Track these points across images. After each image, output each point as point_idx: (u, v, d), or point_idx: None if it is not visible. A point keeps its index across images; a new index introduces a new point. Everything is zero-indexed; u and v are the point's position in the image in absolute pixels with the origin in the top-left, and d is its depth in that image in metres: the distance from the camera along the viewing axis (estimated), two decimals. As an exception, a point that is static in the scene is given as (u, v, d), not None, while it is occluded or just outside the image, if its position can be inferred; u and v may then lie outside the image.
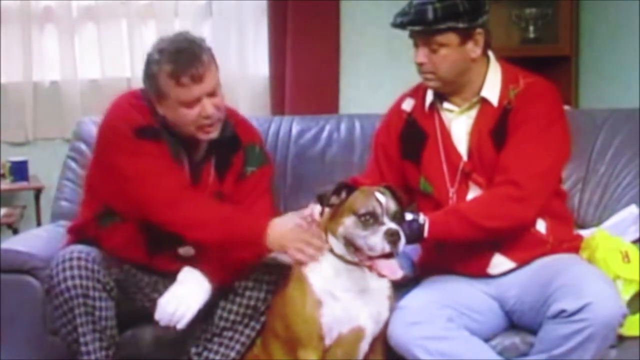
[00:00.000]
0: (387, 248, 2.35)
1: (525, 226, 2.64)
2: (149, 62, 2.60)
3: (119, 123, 2.62)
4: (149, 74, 2.60)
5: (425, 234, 2.54)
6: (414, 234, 2.53)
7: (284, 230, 2.53)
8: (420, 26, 2.58)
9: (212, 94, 2.58)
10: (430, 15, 2.56)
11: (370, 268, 2.41)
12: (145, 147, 2.59)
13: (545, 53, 4.46)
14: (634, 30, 3.88)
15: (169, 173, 2.60)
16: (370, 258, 2.39)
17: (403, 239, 2.36)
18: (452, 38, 2.58)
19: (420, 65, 2.65)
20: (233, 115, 2.77)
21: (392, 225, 2.36)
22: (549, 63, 4.22)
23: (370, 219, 2.39)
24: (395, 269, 2.39)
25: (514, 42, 4.58)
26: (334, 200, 2.48)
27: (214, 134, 2.63)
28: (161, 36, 2.68)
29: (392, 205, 2.41)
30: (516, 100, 2.65)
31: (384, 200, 2.40)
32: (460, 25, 2.57)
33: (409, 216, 2.54)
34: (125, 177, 2.59)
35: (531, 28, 4.53)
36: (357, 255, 2.43)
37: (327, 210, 2.50)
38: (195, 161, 2.70)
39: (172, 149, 2.64)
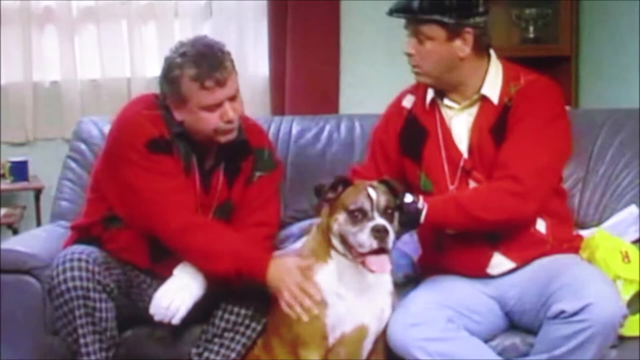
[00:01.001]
0: (374, 244, 2.36)
1: (524, 221, 2.63)
2: (170, 66, 2.58)
3: (130, 135, 2.60)
4: (170, 78, 2.58)
5: (422, 219, 2.53)
6: (412, 218, 2.53)
7: (283, 271, 2.51)
8: (405, 14, 2.60)
9: (233, 98, 2.59)
10: (415, 5, 2.57)
11: (363, 264, 2.41)
12: (156, 163, 2.58)
13: (545, 53, 4.46)
14: (633, 30, 3.88)
15: (179, 195, 2.59)
16: (362, 254, 2.39)
17: (392, 235, 2.36)
18: (437, 32, 2.58)
19: (409, 56, 2.65)
20: (244, 120, 2.76)
21: (380, 222, 2.36)
22: (548, 63, 4.22)
23: (359, 215, 2.39)
24: (384, 265, 2.39)
25: (514, 42, 4.59)
26: (331, 194, 2.48)
27: (232, 136, 2.63)
28: (180, 40, 2.67)
29: (383, 201, 2.41)
30: (516, 97, 2.64)
31: (374, 195, 2.40)
32: (447, 20, 2.57)
33: (408, 197, 2.53)
34: (134, 193, 2.59)
35: (531, 28, 4.53)
36: (350, 252, 2.44)
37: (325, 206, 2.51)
38: (206, 169, 2.70)
39: (183, 159, 2.64)
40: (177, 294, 2.56)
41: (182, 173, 2.64)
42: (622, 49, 4.05)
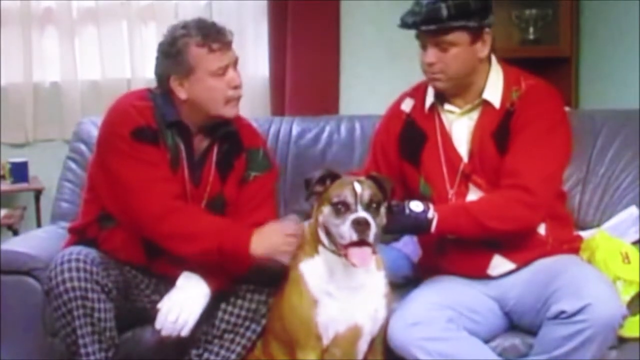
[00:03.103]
0: (355, 236, 2.35)
1: (531, 229, 2.65)
2: (174, 39, 2.60)
3: (117, 124, 2.62)
4: (175, 52, 2.60)
5: (433, 229, 2.54)
6: (421, 226, 2.53)
7: (267, 235, 2.54)
8: (434, 25, 2.57)
9: (235, 65, 2.63)
10: (444, 13, 2.55)
11: (346, 257, 2.41)
12: (140, 152, 2.59)
13: (545, 54, 4.46)
14: (634, 31, 3.88)
15: (161, 183, 2.59)
16: (345, 247, 2.39)
17: (373, 228, 2.36)
18: (463, 37, 2.58)
19: (429, 65, 2.63)
20: (237, 119, 2.77)
21: (361, 214, 2.36)
22: (549, 64, 4.22)
23: (342, 208, 2.40)
24: (364, 258, 2.38)
25: (514, 42, 4.58)
26: (319, 187, 2.49)
27: (238, 108, 2.66)
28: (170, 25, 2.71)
29: (368, 195, 2.40)
30: (519, 102, 2.65)
31: (359, 189, 2.40)
32: (472, 24, 2.57)
33: (419, 207, 2.54)
34: (118, 182, 2.60)
35: (531, 29, 4.53)
36: (334, 245, 2.44)
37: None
38: (196, 159, 2.70)
39: (171, 150, 2.64)
40: (184, 307, 2.55)
41: (167, 164, 2.64)
42: (622, 50, 4.05)
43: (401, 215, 2.52)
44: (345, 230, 2.37)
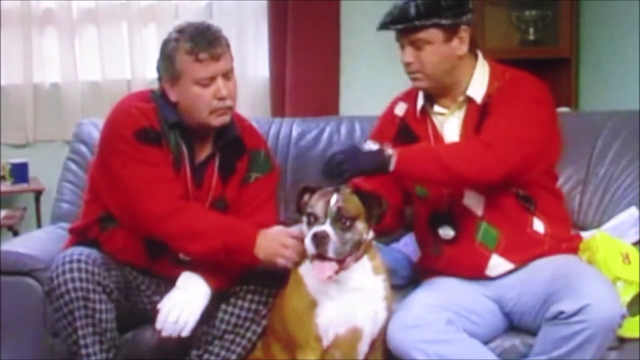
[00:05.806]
0: (313, 250, 2.37)
1: (491, 184, 2.56)
2: (167, 42, 2.62)
3: (120, 125, 2.63)
4: (166, 54, 2.61)
5: (392, 166, 2.49)
6: (381, 164, 2.48)
7: (270, 239, 2.54)
8: (403, 24, 2.59)
9: (226, 76, 2.61)
10: (412, 12, 2.57)
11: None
12: (143, 153, 2.59)
13: (545, 55, 4.47)
14: (634, 32, 3.88)
15: (164, 183, 2.59)
16: (312, 258, 2.41)
17: (334, 243, 2.36)
18: (436, 35, 2.59)
19: (407, 65, 2.65)
20: (240, 121, 2.78)
21: (322, 228, 2.37)
22: (549, 65, 4.23)
23: (312, 219, 2.41)
24: (322, 270, 2.39)
25: (514, 44, 4.59)
26: (307, 197, 2.50)
27: (226, 118, 2.63)
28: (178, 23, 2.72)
29: (340, 208, 2.39)
30: (496, 92, 2.64)
31: (333, 202, 2.40)
32: (444, 21, 2.57)
33: (375, 145, 2.53)
34: (121, 182, 2.59)
35: (531, 30, 4.54)
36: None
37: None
38: (198, 164, 2.70)
39: (173, 151, 2.65)
40: (185, 307, 2.55)
41: (170, 165, 2.64)
42: (622, 51, 4.05)
43: (359, 154, 2.50)
44: (308, 242, 2.39)
